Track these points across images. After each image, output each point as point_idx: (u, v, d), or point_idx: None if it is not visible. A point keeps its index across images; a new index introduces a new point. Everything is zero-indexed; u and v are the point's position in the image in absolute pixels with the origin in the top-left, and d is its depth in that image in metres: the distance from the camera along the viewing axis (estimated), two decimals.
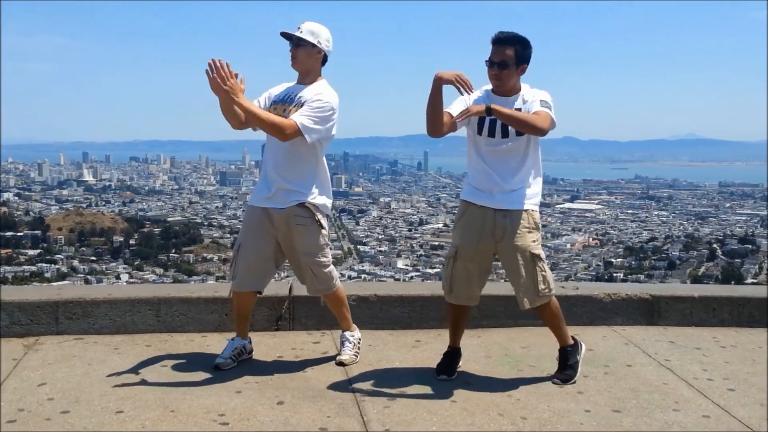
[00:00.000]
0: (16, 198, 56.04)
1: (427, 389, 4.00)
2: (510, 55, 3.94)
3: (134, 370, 4.20)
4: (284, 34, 4.19)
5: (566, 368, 4.23)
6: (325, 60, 4.27)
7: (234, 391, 3.91)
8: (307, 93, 4.15)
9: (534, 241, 4.09)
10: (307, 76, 4.24)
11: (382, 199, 63.47)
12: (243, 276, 4.28)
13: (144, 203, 57.94)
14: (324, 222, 4.27)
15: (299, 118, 4.02)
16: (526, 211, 4.07)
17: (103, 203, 57.07)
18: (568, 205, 61.15)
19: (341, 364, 4.37)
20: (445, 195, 63.99)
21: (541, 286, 4.07)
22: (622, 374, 4.34)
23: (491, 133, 4.02)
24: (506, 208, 4.04)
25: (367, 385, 4.04)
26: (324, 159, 4.32)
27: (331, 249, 4.43)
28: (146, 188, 65.11)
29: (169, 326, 4.94)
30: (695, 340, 5.07)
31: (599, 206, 60.75)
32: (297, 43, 4.18)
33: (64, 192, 60.55)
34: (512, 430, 3.51)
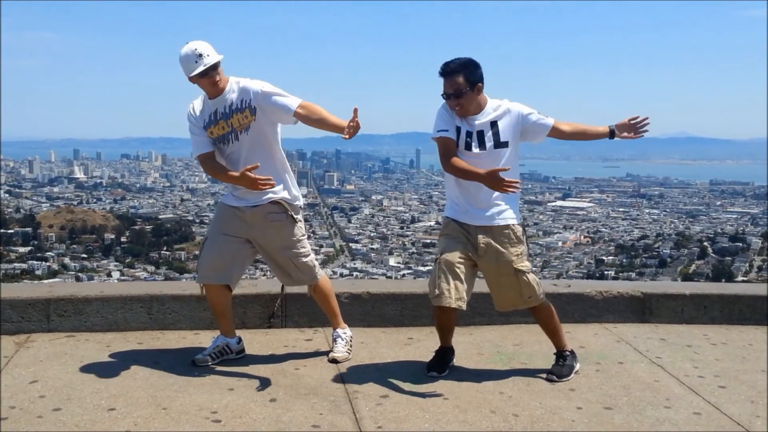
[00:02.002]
0: (7, 195, 55.70)
1: (419, 387, 4.01)
2: (461, 83, 4.00)
3: (126, 367, 4.19)
4: (198, 75, 3.97)
5: (563, 366, 4.26)
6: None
7: (226, 388, 3.91)
8: (233, 96, 4.06)
9: (518, 255, 4.12)
10: (220, 88, 4.08)
11: (374, 197, 63.39)
12: (206, 268, 4.27)
13: (135, 200, 57.69)
14: (298, 215, 4.29)
15: (291, 101, 4.01)
16: (508, 226, 4.11)
17: (95, 200, 56.79)
18: (559, 202, 61.22)
19: (334, 361, 4.38)
20: (437, 193, 63.93)
21: (525, 292, 4.12)
22: (613, 372, 4.36)
23: (468, 147, 4.08)
24: (486, 224, 4.10)
25: (359, 383, 4.05)
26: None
27: (308, 238, 4.47)
28: (138, 185, 64.82)
29: (161, 324, 4.93)
30: (686, 337, 5.10)
31: (591, 204, 60.85)
32: (213, 70, 3.98)
33: (55, 189, 60.23)
34: (504, 428, 3.52)
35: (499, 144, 4.08)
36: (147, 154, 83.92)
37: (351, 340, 4.56)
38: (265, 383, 4.01)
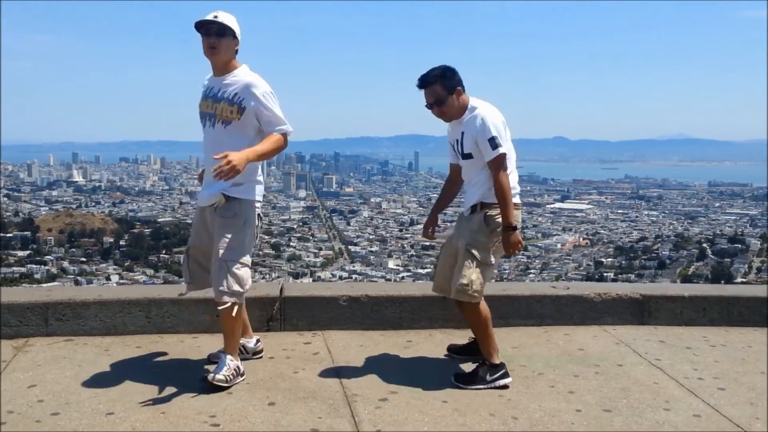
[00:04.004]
0: (5, 199, 55.69)
1: (418, 390, 4.00)
2: (439, 92, 4.11)
3: (124, 371, 4.19)
4: (203, 23, 3.93)
5: (473, 374, 4.14)
6: (236, 53, 4.09)
7: (225, 392, 3.89)
8: (233, 85, 3.98)
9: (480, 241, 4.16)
10: (225, 67, 4.03)
11: (373, 200, 63.45)
12: (197, 275, 4.25)
13: (134, 204, 57.70)
14: (251, 222, 4.09)
15: (277, 127, 3.97)
16: (485, 213, 4.18)
17: (93, 204, 56.79)
18: (558, 205, 61.28)
19: (204, 380, 3.93)
20: (435, 195, 63.71)
21: (463, 281, 4.10)
22: (612, 374, 4.35)
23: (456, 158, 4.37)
24: (469, 204, 4.28)
25: (358, 386, 4.04)
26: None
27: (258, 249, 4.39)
28: (136, 189, 64.84)
29: (159, 327, 4.92)
30: (685, 339, 5.10)
31: (589, 206, 60.93)
32: (221, 32, 3.93)
33: (54, 193, 60.24)
34: (503, 430, 3.52)
35: (464, 156, 4.22)
36: (146, 158, 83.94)
37: (236, 370, 4.03)
38: (263, 387, 4.00)
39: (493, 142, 4.04)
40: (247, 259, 4.03)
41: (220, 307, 3.97)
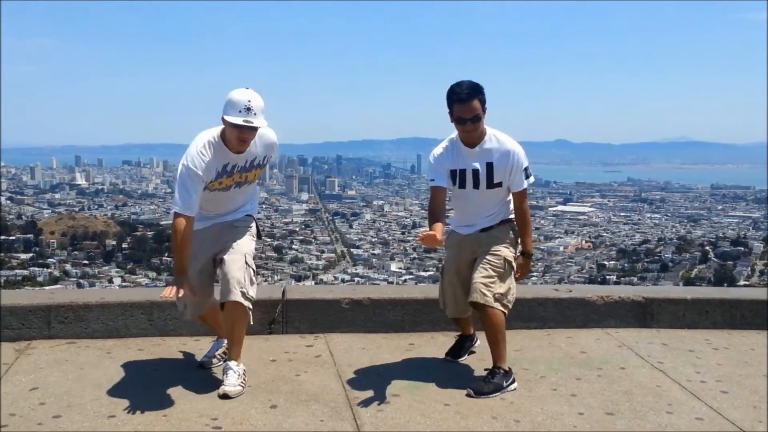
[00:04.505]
0: (8, 202, 55.76)
1: (420, 393, 4.00)
2: (478, 107, 4.01)
3: (126, 374, 4.19)
4: (244, 124, 3.75)
5: (487, 382, 4.02)
6: None
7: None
8: (263, 149, 4.03)
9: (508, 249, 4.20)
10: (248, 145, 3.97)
11: (375, 202, 63.43)
12: (192, 307, 4.16)
13: (137, 207, 57.72)
14: (258, 234, 4.27)
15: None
16: (509, 221, 4.26)
17: (96, 207, 56.82)
18: (560, 207, 61.22)
19: (225, 396, 3.85)
20: None
21: (501, 290, 4.11)
22: (615, 377, 4.34)
23: (462, 185, 4.18)
24: (488, 225, 4.23)
25: (360, 389, 4.03)
26: None
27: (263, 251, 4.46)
28: (139, 192, 64.87)
29: (161, 330, 4.92)
30: (688, 342, 5.09)
31: (592, 209, 60.85)
32: (252, 131, 3.85)
33: (57, 196, 60.26)
34: None
35: (491, 185, 4.15)
36: (148, 161, 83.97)
37: (244, 374, 4.04)
38: (265, 389, 4.00)
39: (527, 172, 4.13)
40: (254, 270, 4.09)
41: (239, 306, 3.90)
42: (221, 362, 4.26)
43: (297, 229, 53.28)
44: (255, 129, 3.84)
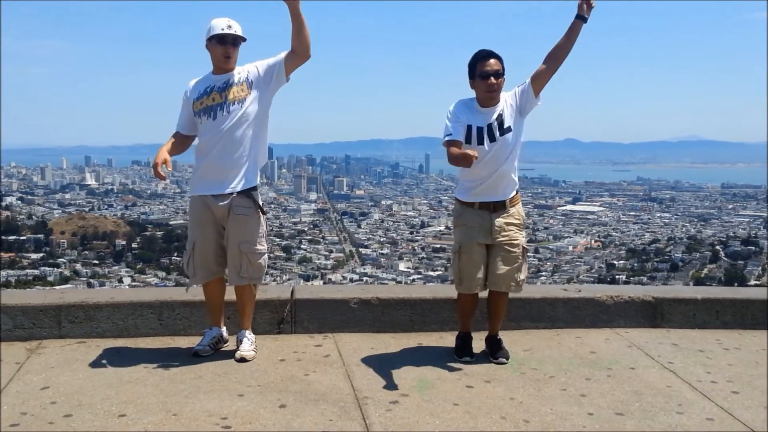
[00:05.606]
0: (19, 202, 56.05)
1: (429, 392, 3.99)
2: (502, 66, 4.37)
3: (137, 373, 4.20)
4: (223, 36, 4.29)
5: (502, 348, 4.59)
6: None
7: (236, 394, 3.91)
8: (243, 73, 4.38)
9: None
10: (229, 68, 4.41)
11: (383, 202, 63.42)
12: (200, 270, 4.47)
13: (146, 207, 57.90)
14: (264, 209, 4.50)
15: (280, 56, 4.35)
16: (516, 198, 4.51)
17: (106, 207, 57.05)
18: (570, 207, 61.07)
19: (243, 359, 4.43)
20: (446, 197, 63.81)
21: (521, 277, 4.53)
22: (625, 377, 4.33)
23: (480, 141, 4.34)
24: (501, 199, 4.46)
25: (369, 388, 4.04)
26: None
27: (268, 236, 4.63)
28: (148, 192, 65.03)
29: (171, 330, 4.94)
30: (698, 342, 5.06)
31: (601, 208, 60.68)
32: (235, 42, 4.35)
33: (67, 196, 60.53)
34: None
35: (503, 131, 4.34)
36: None
37: (255, 341, 4.61)
38: (274, 389, 4.01)
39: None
40: (263, 246, 4.46)
41: (241, 288, 4.52)
42: (213, 351, 4.54)
43: (305, 229, 53.35)
44: (237, 39, 4.31)
